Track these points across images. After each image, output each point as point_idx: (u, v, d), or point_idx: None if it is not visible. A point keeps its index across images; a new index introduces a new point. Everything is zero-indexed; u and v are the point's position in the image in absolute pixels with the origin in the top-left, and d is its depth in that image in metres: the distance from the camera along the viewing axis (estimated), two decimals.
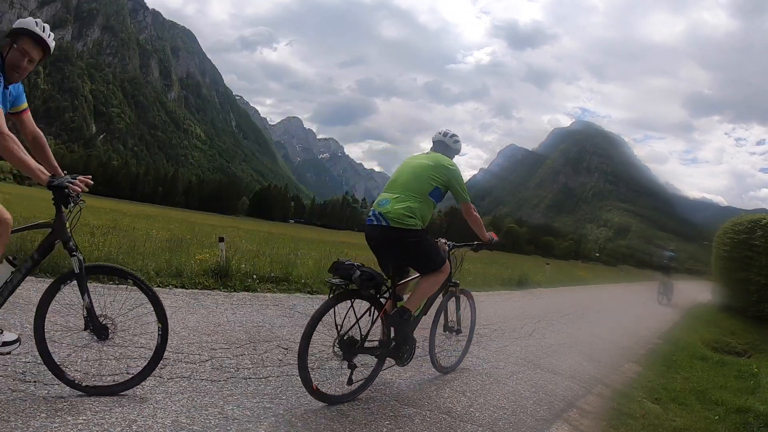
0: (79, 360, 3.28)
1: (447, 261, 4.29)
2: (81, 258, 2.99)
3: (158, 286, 6.38)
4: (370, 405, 3.61)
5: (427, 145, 4.52)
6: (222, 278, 7.21)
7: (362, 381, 3.75)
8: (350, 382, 3.61)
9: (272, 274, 7.95)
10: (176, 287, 6.48)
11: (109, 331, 3.10)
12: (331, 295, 3.58)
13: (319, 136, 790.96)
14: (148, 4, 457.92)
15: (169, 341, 3.29)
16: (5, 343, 2.92)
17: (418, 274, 4.12)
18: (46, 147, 3.29)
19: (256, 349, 4.37)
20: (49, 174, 2.84)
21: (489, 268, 19.38)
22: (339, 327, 3.50)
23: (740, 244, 12.99)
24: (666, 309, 15.98)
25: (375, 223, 3.85)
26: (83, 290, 3.00)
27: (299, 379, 3.36)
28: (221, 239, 7.96)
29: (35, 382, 2.94)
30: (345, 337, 3.53)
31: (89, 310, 3.02)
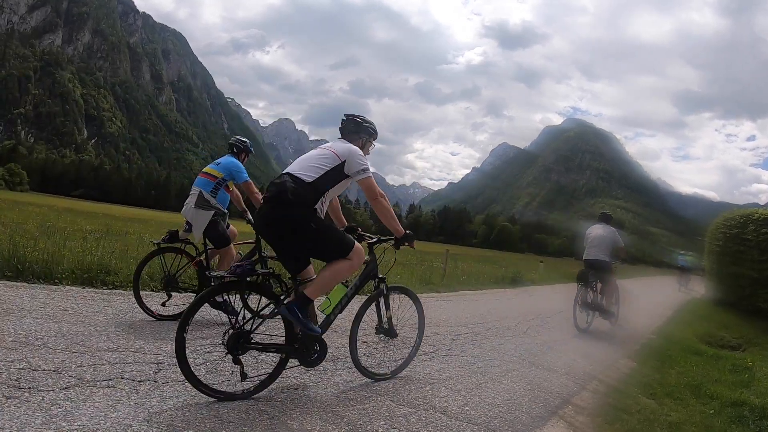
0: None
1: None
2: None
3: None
4: (365, 405, 3.61)
5: (419, 145, 4.60)
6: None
7: None
8: None
9: None
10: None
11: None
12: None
13: (312, 138, 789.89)
14: (138, 8, 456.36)
15: (164, 345, 3.34)
16: None
17: None
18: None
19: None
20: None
21: (483, 266, 19.43)
22: None
23: (732, 239, 13.05)
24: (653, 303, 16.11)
25: None
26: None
27: (294, 381, 3.36)
28: None
29: (30, 388, 2.93)
30: None
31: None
